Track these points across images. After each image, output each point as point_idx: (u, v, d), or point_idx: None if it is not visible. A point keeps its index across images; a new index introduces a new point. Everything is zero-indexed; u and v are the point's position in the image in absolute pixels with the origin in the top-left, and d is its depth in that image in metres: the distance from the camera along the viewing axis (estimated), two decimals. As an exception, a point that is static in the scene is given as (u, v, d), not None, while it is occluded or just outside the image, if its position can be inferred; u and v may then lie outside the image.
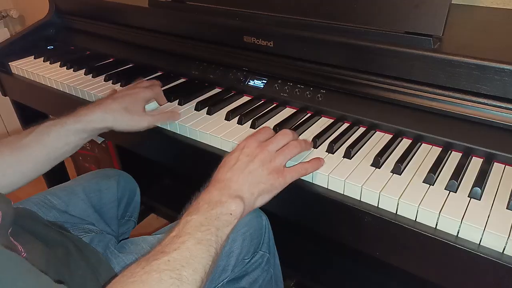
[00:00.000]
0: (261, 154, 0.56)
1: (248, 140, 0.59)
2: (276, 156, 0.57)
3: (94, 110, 0.68)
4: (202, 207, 0.51)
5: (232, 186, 0.53)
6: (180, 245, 0.46)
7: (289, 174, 0.57)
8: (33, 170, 0.66)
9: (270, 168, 0.56)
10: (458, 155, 0.61)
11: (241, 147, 0.58)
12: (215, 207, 0.50)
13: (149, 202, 1.53)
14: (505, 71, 0.56)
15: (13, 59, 1.09)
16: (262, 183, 0.54)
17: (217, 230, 0.49)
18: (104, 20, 1.07)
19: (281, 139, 0.59)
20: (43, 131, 0.66)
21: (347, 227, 0.60)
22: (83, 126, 0.68)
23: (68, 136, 0.67)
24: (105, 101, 0.70)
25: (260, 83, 0.81)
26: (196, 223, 0.48)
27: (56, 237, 0.64)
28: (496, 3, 0.90)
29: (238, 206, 0.51)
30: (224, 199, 0.51)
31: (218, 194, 0.52)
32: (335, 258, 1.18)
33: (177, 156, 0.81)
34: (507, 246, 0.47)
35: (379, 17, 0.67)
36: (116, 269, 0.63)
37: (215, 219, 0.49)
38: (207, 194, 0.53)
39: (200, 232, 0.47)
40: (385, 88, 0.68)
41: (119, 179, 0.92)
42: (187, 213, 0.51)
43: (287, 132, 0.60)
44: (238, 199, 0.52)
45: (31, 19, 1.91)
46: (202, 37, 0.90)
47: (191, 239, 0.46)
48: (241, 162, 0.55)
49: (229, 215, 0.50)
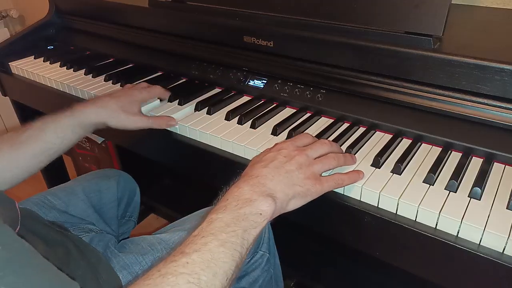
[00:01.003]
0: (299, 157, 0.53)
1: (286, 142, 0.56)
2: (314, 163, 0.54)
3: (90, 106, 0.70)
4: (229, 204, 0.47)
5: (266, 183, 0.49)
6: (201, 246, 0.42)
7: (327, 183, 0.53)
8: (31, 166, 0.67)
9: (307, 172, 0.52)
10: (458, 155, 0.61)
11: (278, 148, 0.55)
12: (243, 206, 0.46)
13: (149, 202, 1.53)
14: (505, 71, 0.56)
15: (13, 59, 1.09)
16: (298, 185, 0.51)
17: (244, 232, 0.44)
18: (104, 20, 1.07)
19: (320, 148, 0.56)
20: (40, 127, 0.67)
21: (347, 227, 0.60)
22: (79, 121, 0.69)
23: (64, 131, 0.68)
24: (102, 98, 0.73)
25: (260, 83, 0.81)
26: (221, 223, 0.44)
27: (56, 236, 0.64)
28: (496, 3, 0.90)
29: (269, 206, 0.47)
30: (255, 197, 0.47)
31: (249, 191, 0.48)
32: (335, 258, 1.18)
33: (177, 156, 0.81)
34: (507, 246, 0.47)
35: (379, 17, 0.67)
36: (116, 269, 0.63)
37: (242, 220, 0.45)
38: (237, 189, 0.49)
39: (225, 234, 0.43)
40: (385, 88, 0.68)
41: (119, 179, 0.92)
42: (213, 210, 0.47)
43: (327, 142, 0.58)
44: (270, 198, 0.47)
45: (31, 19, 1.91)
46: (202, 37, 0.90)
47: (214, 240, 0.42)
48: (278, 161, 0.52)
49: (259, 215, 0.46)
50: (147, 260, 0.64)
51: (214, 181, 0.76)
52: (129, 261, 0.64)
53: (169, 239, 0.69)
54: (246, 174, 0.52)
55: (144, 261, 0.64)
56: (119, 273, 0.62)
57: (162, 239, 0.69)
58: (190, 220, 0.75)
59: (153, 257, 0.65)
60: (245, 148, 0.67)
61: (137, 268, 0.63)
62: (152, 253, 0.66)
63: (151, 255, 0.65)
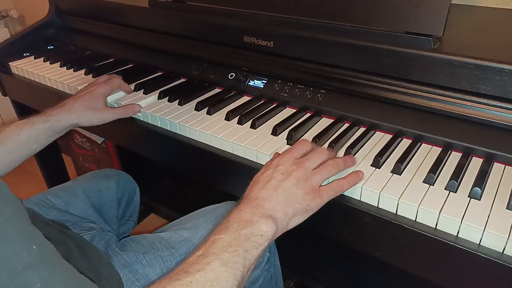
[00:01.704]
0: (297, 172, 0.53)
1: (283, 157, 0.56)
2: (313, 175, 0.54)
3: (60, 111, 0.74)
4: (231, 226, 0.48)
5: (265, 205, 0.50)
6: (204, 265, 0.43)
7: (326, 194, 0.53)
8: (5, 166, 0.71)
9: (306, 187, 0.52)
10: (458, 155, 0.61)
11: (276, 164, 0.55)
12: (245, 227, 0.47)
13: (149, 202, 1.53)
14: (505, 71, 0.56)
15: (13, 59, 1.09)
16: (297, 203, 0.51)
17: (246, 252, 0.45)
18: (104, 20, 1.07)
19: (317, 157, 0.56)
20: (14, 130, 0.71)
21: (347, 227, 0.60)
22: (51, 126, 0.73)
23: (37, 135, 0.72)
24: (68, 101, 0.76)
25: (260, 83, 0.81)
26: (224, 243, 0.45)
27: (57, 235, 0.64)
28: (496, 3, 0.90)
29: (270, 227, 0.48)
30: (256, 219, 0.48)
31: (250, 213, 0.49)
32: (335, 258, 1.18)
33: (177, 156, 0.81)
34: (507, 246, 0.47)
35: (379, 17, 0.67)
36: (117, 267, 0.63)
37: (244, 240, 0.46)
38: (238, 212, 0.50)
39: (227, 253, 0.44)
40: (385, 88, 0.68)
41: (119, 179, 0.92)
42: (216, 231, 0.48)
43: (324, 150, 0.58)
44: (270, 220, 0.48)
45: (31, 19, 1.91)
46: (202, 37, 0.90)
47: (217, 260, 0.43)
48: (276, 180, 0.52)
49: (260, 237, 0.47)
50: (147, 259, 0.65)
51: (214, 181, 0.76)
52: (130, 259, 0.65)
53: (169, 237, 0.69)
54: (247, 197, 0.52)
55: (145, 259, 0.65)
56: (120, 271, 0.62)
57: (162, 238, 0.69)
58: (190, 219, 0.75)
59: (153, 255, 0.65)
60: (245, 148, 0.67)
61: (138, 266, 0.64)
62: (152, 252, 0.66)
63: (151, 253, 0.66)
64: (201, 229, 0.71)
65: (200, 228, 0.71)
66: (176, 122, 0.75)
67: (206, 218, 0.74)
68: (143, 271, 0.63)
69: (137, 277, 0.62)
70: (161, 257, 0.65)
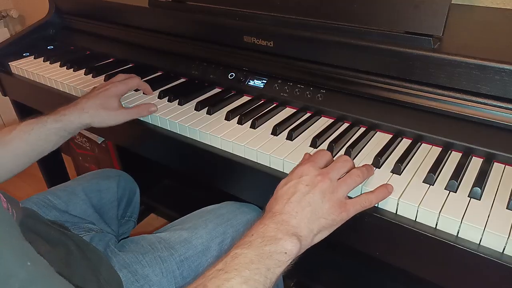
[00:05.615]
0: (322, 184, 0.50)
1: (307, 166, 0.53)
2: (338, 187, 0.51)
3: (72, 110, 0.71)
4: (255, 241, 0.46)
5: (290, 221, 0.48)
6: (224, 282, 0.41)
7: (352, 208, 0.51)
8: (15, 166, 0.69)
9: (332, 200, 0.50)
10: (458, 155, 0.61)
11: (299, 174, 0.52)
12: (268, 243, 0.45)
13: (149, 202, 1.53)
14: (505, 71, 0.56)
15: (13, 59, 1.09)
16: (322, 218, 0.49)
17: (268, 270, 0.44)
18: (104, 20, 1.07)
19: (341, 167, 0.54)
20: (25, 129, 0.69)
21: (347, 227, 0.60)
22: (63, 126, 0.71)
23: (48, 135, 0.70)
24: (81, 100, 0.73)
25: (260, 83, 0.81)
26: (246, 259, 0.44)
27: (57, 236, 0.64)
28: (496, 3, 0.90)
29: (294, 245, 0.46)
30: (280, 236, 0.46)
31: (274, 229, 0.47)
32: (335, 258, 1.18)
33: (177, 156, 0.81)
34: (507, 246, 0.47)
35: (379, 17, 0.67)
36: (117, 268, 0.63)
37: (267, 258, 0.44)
38: (262, 226, 0.47)
39: (248, 271, 0.42)
40: (385, 88, 0.68)
41: (119, 179, 0.92)
42: (238, 245, 0.46)
43: (348, 159, 0.55)
44: (295, 238, 0.46)
45: (31, 19, 1.91)
46: (202, 37, 0.90)
47: (237, 277, 0.42)
48: (300, 193, 0.50)
49: (283, 254, 0.45)
50: (147, 259, 0.65)
51: (214, 181, 0.76)
52: (129, 260, 0.64)
53: (169, 238, 0.69)
54: (271, 210, 0.50)
55: (145, 260, 0.64)
56: (120, 272, 0.62)
57: (162, 238, 0.69)
58: (190, 219, 0.75)
59: (153, 255, 0.65)
60: (245, 148, 0.67)
61: (137, 266, 0.64)
62: (152, 252, 0.66)
63: (151, 254, 0.65)
64: (200, 230, 0.71)
65: (199, 228, 0.71)
66: (176, 122, 0.75)
67: (206, 218, 0.73)
68: (143, 271, 0.63)
69: (137, 278, 0.62)
70: (160, 258, 0.65)
